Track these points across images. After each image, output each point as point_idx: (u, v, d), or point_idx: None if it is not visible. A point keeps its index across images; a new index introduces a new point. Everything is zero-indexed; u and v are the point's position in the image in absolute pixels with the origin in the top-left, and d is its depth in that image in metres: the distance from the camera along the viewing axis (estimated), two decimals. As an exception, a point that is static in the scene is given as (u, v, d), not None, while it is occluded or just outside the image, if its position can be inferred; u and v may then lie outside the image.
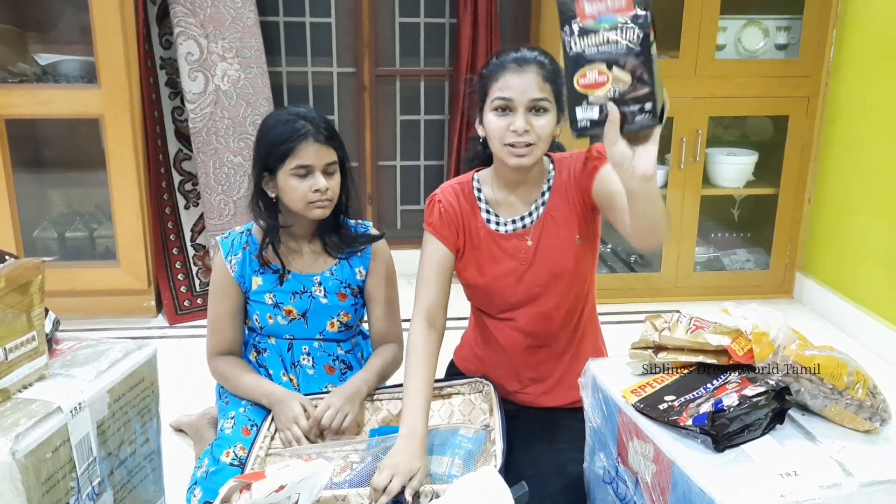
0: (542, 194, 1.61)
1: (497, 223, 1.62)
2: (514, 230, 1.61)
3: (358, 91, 3.38)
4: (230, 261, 1.71)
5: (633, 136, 1.28)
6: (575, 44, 1.26)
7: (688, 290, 3.20)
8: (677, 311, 1.41)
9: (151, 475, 1.55)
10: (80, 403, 1.27)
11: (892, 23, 2.65)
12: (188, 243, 3.06)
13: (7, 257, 1.36)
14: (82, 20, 2.75)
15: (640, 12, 1.23)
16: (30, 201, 3.02)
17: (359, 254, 1.76)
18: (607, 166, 1.51)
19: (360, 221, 1.79)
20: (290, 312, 1.73)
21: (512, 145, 1.48)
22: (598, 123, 1.28)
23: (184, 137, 3.00)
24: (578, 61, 1.26)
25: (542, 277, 1.59)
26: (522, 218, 1.61)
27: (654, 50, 1.25)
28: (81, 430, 1.28)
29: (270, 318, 1.73)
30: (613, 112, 1.24)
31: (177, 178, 3.03)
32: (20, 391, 1.26)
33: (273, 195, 1.67)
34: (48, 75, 2.84)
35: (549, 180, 1.62)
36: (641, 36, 1.24)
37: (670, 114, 3.31)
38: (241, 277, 1.72)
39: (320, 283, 1.73)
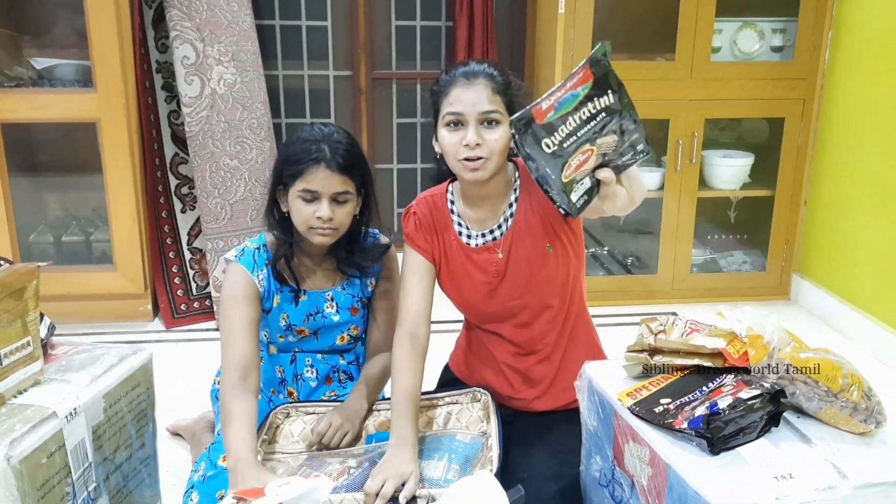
0: (510, 205, 1.59)
1: (468, 236, 1.61)
2: (484, 243, 1.60)
3: (354, 94, 3.38)
4: (257, 276, 1.64)
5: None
6: (547, 146, 1.19)
7: (684, 292, 3.20)
8: (673, 314, 1.42)
9: (147, 480, 1.55)
10: (75, 408, 1.27)
11: (887, 25, 2.65)
12: (185, 247, 3.06)
13: (2, 262, 1.36)
14: (78, 24, 2.75)
15: (599, 73, 1.17)
16: (26, 205, 3.02)
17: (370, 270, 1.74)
18: None
19: (368, 230, 1.76)
20: (301, 332, 1.71)
21: (466, 160, 1.46)
22: (593, 189, 1.25)
23: (180, 141, 2.99)
24: (558, 159, 1.20)
25: (516, 290, 1.58)
26: (492, 231, 1.60)
27: (625, 92, 1.20)
28: (77, 435, 1.27)
29: (281, 337, 1.72)
30: (608, 176, 1.24)
31: (173, 182, 3.02)
32: (15, 396, 1.26)
33: (285, 209, 1.63)
34: (44, 79, 2.84)
35: (515, 189, 1.60)
36: (614, 96, 1.19)
37: (666, 116, 3.31)
38: (266, 292, 1.67)
39: (332, 299, 1.71)
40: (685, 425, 1.17)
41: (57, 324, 1.49)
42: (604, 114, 1.20)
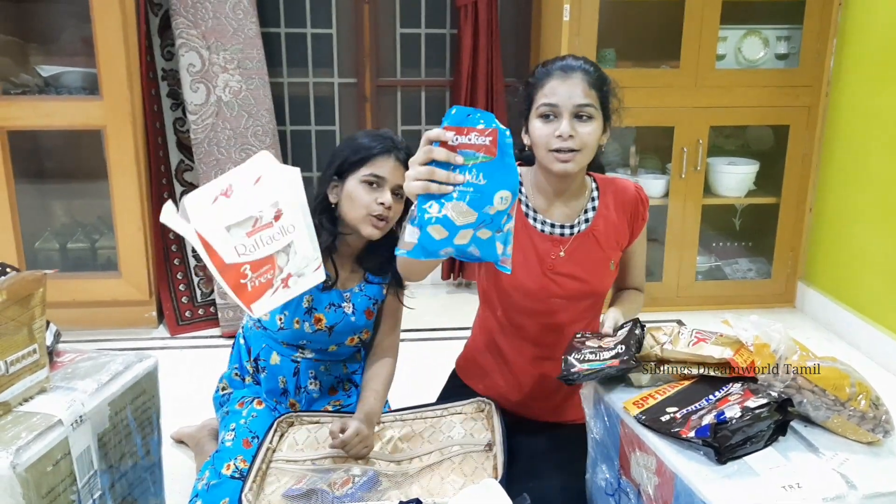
0: (586, 211, 1.62)
1: (534, 219, 1.62)
2: (550, 233, 1.61)
3: (359, 101, 3.39)
4: None
5: None
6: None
7: (689, 299, 3.20)
8: (678, 322, 1.41)
9: (152, 487, 1.55)
10: (80, 416, 1.27)
11: (892, 32, 2.65)
12: (189, 254, 3.06)
13: (8, 270, 1.37)
14: (84, 32, 2.76)
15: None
16: (32, 212, 3.03)
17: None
18: (644, 228, 1.64)
19: None
20: (319, 321, 1.70)
21: (557, 150, 1.49)
22: None
23: (185, 148, 3.00)
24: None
25: (565, 292, 1.59)
26: (562, 226, 1.61)
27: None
28: (82, 443, 1.27)
29: (298, 322, 1.69)
30: None
31: (178, 189, 3.03)
32: (21, 404, 1.26)
33: (334, 202, 1.66)
34: (50, 87, 2.85)
35: (593, 199, 1.63)
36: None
37: (670, 123, 3.27)
38: None
39: (350, 300, 1.72)
40: (692, 434, 1.16)
41: (62, 330, 1.49)
42: None
